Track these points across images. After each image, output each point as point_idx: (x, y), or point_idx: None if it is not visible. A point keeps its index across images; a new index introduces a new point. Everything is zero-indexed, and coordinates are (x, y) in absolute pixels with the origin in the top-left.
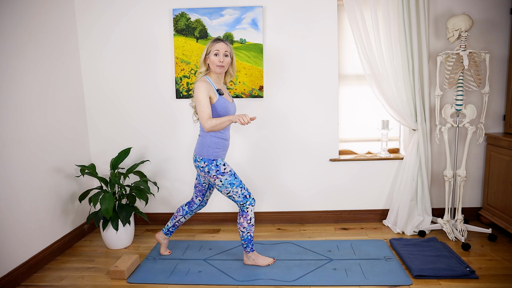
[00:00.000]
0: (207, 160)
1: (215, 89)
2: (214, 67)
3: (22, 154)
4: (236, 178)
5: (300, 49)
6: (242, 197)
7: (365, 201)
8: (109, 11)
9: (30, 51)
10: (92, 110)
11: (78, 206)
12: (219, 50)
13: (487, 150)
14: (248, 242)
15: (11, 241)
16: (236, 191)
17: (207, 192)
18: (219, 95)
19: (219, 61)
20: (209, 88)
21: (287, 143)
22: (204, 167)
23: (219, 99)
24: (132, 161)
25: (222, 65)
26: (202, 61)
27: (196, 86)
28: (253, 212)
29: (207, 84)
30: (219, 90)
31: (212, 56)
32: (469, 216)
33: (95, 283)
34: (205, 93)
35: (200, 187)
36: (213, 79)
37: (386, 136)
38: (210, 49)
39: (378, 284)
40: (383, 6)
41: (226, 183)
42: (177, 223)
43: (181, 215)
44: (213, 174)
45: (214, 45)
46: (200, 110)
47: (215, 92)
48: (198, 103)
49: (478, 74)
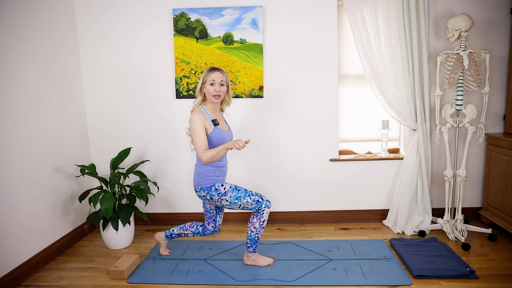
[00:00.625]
0: (206, 189)
1: (210, 119)
2: (211, 97)
3: (22, 154)
4: (239, 191)
5: (300, 49)
6: (255, 204)
7: (365, 201)
8: (109, 11)
9: (30, 51)
10: (92, 110)
11: (78, 206)
12: (214, 80)
13: (487, 150)
14: (253, 243)
15: (11, 241)
16: (246, 201)
17: (217, 218)
18: (214, 126)
19: (215, 91)
20: (204, 120)
21: (287, 143)
22: (205, 195)
23: (214, 130)
24: (132, 161)
25: (219, 94)
26: (198, 90)
27: (192, 118)
28: (268, 215)
29: (203, 115)
30: (214, 121)
31: (208, 86)
32: (469, 216)
33: (95, 283)
34: (200, 125)
35: (209, 215)
36: (209, 108)
37: (386, 136)
38: (206, 79)
39: (378, 284)
40: (383, 6)
41: (232, 200)
42: (184, 235)
43: (192, 232)
44: (216, 198)
45: (210, 75)
46: (196, 143)
47: (210, 123)
48: (194, 135)
49: (478, 74)
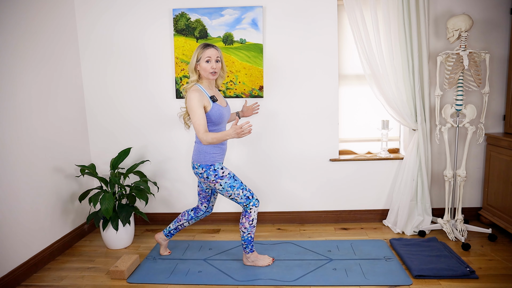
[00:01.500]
0: (204, 166)
1: (208, 96)
2: (207, 74)
3: (22, 154)
4: (236, 181)
5: (300, 49)
6: (245, 199)
7: (365, 201)
8: (109, 11)
9: (30, 51)
10: (92, 110)
11: (78, 206)
12: (210, 57)
13: (487, 150)
14: (248, 243)
15: (11, 241)
16: (238, 193)
17: (211, 198)
18: (212, 102)
19: (211, 67)
20: (202, 98)
21: (287, 143)
22: (202, 173)
23: (213, 107)
24: (132, 161)
25: (215, 71)
26: (192, 68)
27: (189, 97)
28: (256, 214)
29: (200, 93)
30: (212, 97)
31: (203, 63)
32: (469, 216)
33: (95, 283)
34: (199, 104)
35: (204, 194)
36: (205, 86)
37: (386, 136)
38: (201, 56)
39: (378, 284)
40: (383, 6)
41: (226, 186)
42: (180, 227)
43: (185, 219)
44: (212, 179)
45: (205, 52)
46: (195, 123)
47: (208, 100)
48: (193, 115)
49: (478, 74)
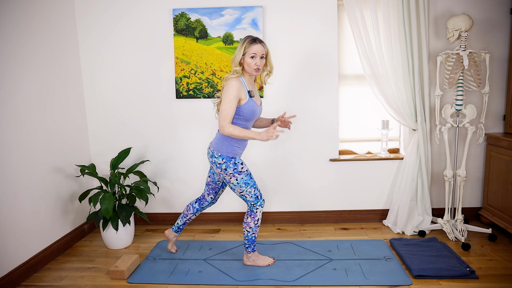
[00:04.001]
0: (225, 157)
1: (247, 90)
2: (251, 70)
3: (22, 154)
4: (251, 178)
5: (300, 49)
6: (254, 198)
7: (365, 201)
8: (109, 11)
9: (30, 51)
10: (92, 110)
11: (78, 206)
12: (256, 53)
13: (487, 150)
14: (251, 243)
15: (11, 241)
16: (250, 191)
17: (220, 190)
18: (249, 97)
19: (255, 64)
20: (241, 89)
21: (287, 143)
22: (221, 163)
23: (248, 101)
24: (132, 161)
25: (259, 67)
26: (237, 62)
27: (229, 83)
28: (261, 214)
29: (240, 84)
30: (250, 92)
31: (248, 58)
32: (469, 216)
33: (95, 283)
34: (235, 93)
35: (213, 185)
36: (246, 80)
37: (386, 136)
38: (247, 51)
39: (378, 284)
40: (383, 6)
41: (242, 182)
42: (188, 221)
43: (192, 213)
44: (230, 172)
45: (252, 47)
46: (224, 111)
47: (246, 93)
48: (225, 102)
49: (478, 74)
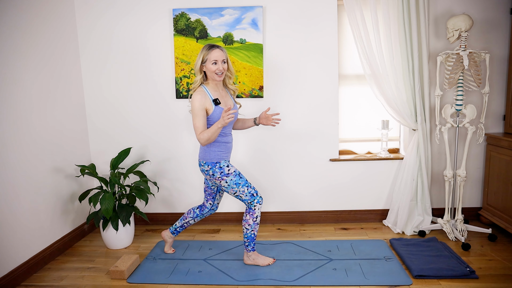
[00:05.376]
0: (210, 164)
1: (211, 99)
2: (213, 75)
3: (22, 154)
4: (241, 178)
5: (300, 49)
6: (250, 196)
7: (365, 201)
8: (109, 11)
9: (30, 52)
10: (92, 110)
11: (78, 206)
12: (217, 59)
13: (487, 150)
14: (251, 241)
15: (11, 241)
16: (243, 190)
17: (216, 195)
18: (215, 105)
19: (217, 69)
20: (204, 101)
21: (287, 143)
22: (208, 170)
23: (215, 110)
24: (132, 161)
25: (222, 72)
26: (197, 69)
27: (193, 99)
28: (260, 211)
29: (202, 96)
30: (215, 100)
31: (209, 64)
32: (469, 216)
33: (95, 283)
34: (200, 107)
35: (209, 191)
36: (211, 87)
37: (386, 136)
38: (207, 58)
39: (378, 284)
40: (383, 6)
41: (232, 183)
42: (186, 224)
43: (191, 217)
44: (218, 176)
45: (211, 54)
46: (194, 125)
47: (211, 103)
48: (193, 117)
49: (478, 74)
